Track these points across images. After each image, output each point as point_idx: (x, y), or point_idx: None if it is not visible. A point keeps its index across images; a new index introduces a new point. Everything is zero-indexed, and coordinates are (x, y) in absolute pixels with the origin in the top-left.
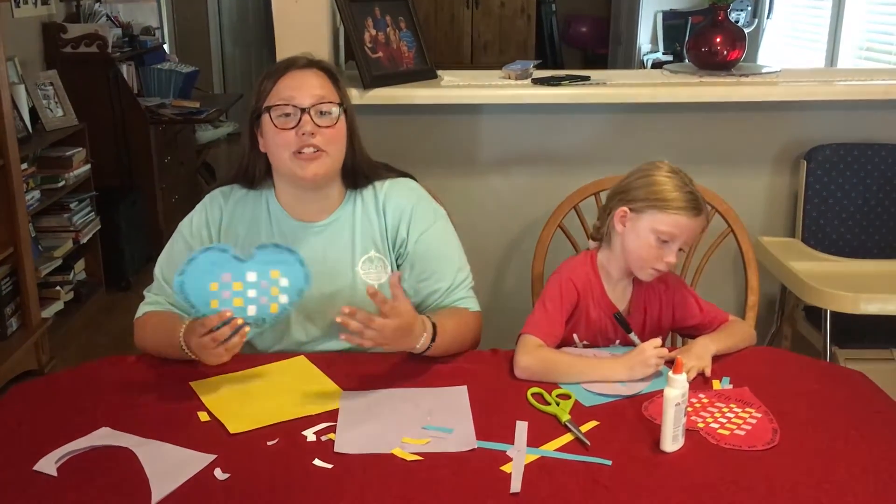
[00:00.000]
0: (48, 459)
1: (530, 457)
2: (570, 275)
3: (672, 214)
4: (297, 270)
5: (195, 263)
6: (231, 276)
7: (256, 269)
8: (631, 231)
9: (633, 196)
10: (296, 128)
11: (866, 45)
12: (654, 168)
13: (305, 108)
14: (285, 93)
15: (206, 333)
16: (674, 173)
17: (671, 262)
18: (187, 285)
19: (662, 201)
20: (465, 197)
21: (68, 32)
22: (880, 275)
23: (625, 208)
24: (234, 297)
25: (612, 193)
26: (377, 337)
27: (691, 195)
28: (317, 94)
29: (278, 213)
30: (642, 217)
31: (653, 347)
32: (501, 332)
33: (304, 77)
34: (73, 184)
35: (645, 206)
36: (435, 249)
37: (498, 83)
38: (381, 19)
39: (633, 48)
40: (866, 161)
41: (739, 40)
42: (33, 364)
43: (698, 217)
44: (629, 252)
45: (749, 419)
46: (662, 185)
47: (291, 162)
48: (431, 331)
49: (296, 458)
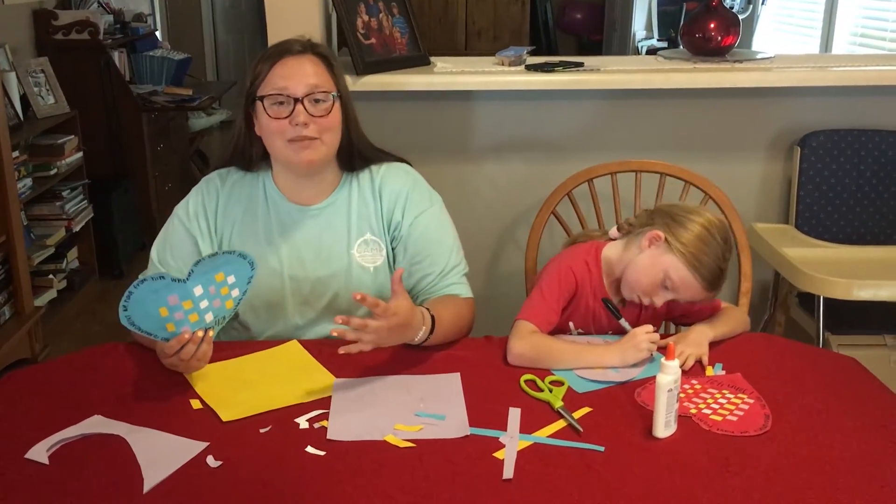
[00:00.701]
0: (40, 447)
1: (523, 443)
2: (570, 263)
3: (691, 274)
4: (239, 262)
5: (135, 297)
6: (178, 297)
7: (200, 282)
8: (649, 256)
9: (677, 232)
10: (289, 117)
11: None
12: (712, 225)
13: (299, 97)
14: (279, 82)
15: (173, 355)
16: (723, 241)
17: (655, 305)
18: (135, 318)
19: (693, 258)
20: (458, 184)
21: (59, 19)
22: (873, 261)
23: (662, 235)
24: (189, 314)
25: (664, 211)
26: (376, 339)
27: (719, 273)
28: (311, 82)
29: (275, 195)
30: (667, 254)
31: (644, 333)
32: (494, 319)
33: (299, 64)
34: (65, 172)
35: (678, 247)
36: (429, 233)
37: (491, 70)
38: (374, 5)
39: (627, 34)
40: (860, 147)
41: (734, 26)
42: (27, 352)
43: (709, 292)
44: (632, 270)
45: (741, 405)
46: (705, 246)
47: (285, 148)
48: (430, 323)
49: (288, 445)
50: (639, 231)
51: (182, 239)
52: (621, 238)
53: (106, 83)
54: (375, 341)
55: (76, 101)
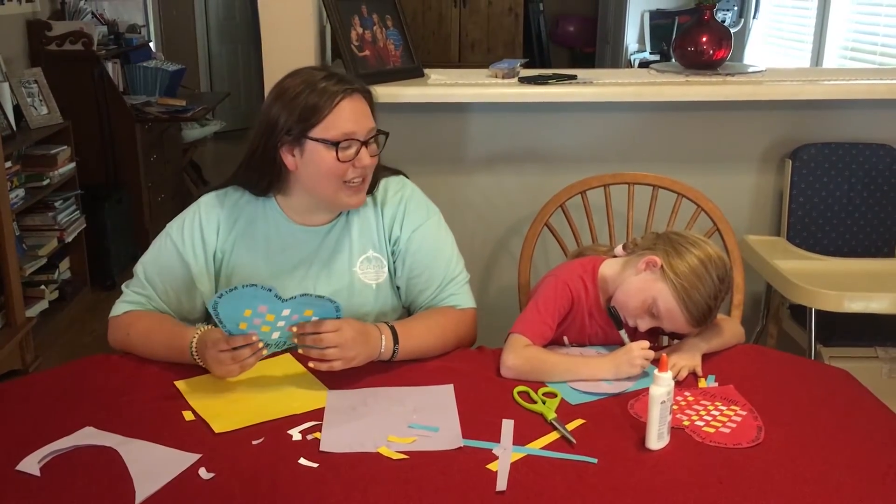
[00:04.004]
0: (31, 459)
1: (516, 455)
2: (566, 278)
3: (677, 307)
4: (328, 308)
5: (236, 292)
6: (267, 309)
7: (292, 307)
8: (642, 280)
9: (674, 261)
10: (352, 160)
11: (851, 46)
12: (710, 260)
13: (364, 140)
14: (346, 126)
15: (226, 350)
16: (719, 280)
17: (640, 329)
18: (221, 306)
19: (684, 291)
20: (451, 195)
21: (53, 30)
22: (864, 273)
23: (660, 262)
24: (263, 326)
25: (668, 237)
26: (337, 339)
27: (707, 310)
28: (370, 126)
29: (277, 216)
30: (659, 282)
31: (640, 348)
32: (488, 331)
33: (360, 103)
34: (57, 182)
35: (671, 277)
36: (426, 247)
37: (485, 82)
38: (368, 17)
39: (620, 47)
40: (851, 160)
41: (725, 40)
42: (18, 363)
43: (693, 328)
44: (623, 291)
45: (734, 417)
46: (699, 281)
47: (340, 190)
48: (390, 333)
49: (281, 457)
50: (640, 252)
51: (173, 262)
52: (624, 256)
53: (99, 94)
54: (338, 342)
55: (69, 112)
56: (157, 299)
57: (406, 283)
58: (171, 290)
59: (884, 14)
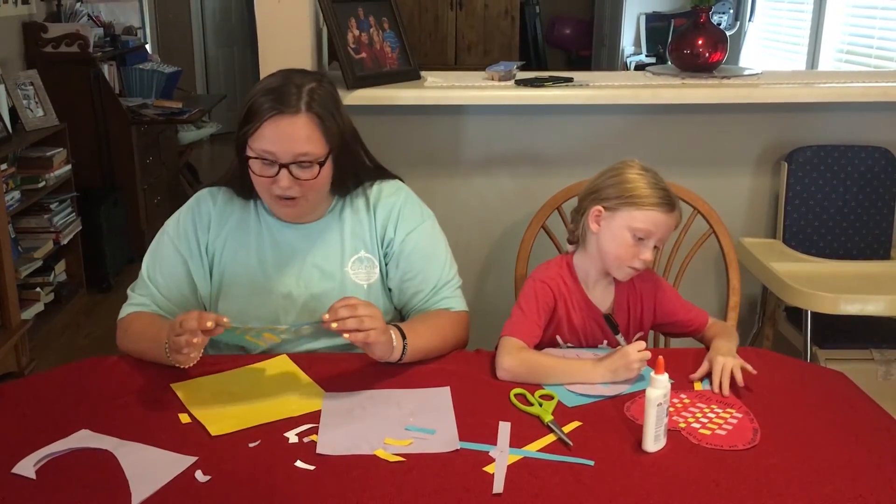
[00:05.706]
0: (27, 462)
1: (513, 457)
2: (542, 277)
3: (647, 211)
4: None
5: None
6: None
7: None
8: (606, 230)
9: (606, 195)
10: (274, 177)
11: (846, 48)
12: (626, 166)
13: (285, 163)
14: (267, 145)
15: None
16: (645, 171)
17: (647, 260)
18: None
19: (637, 198)
20: (448, 198)
21: (49, 32)
22: (860, 275)
23: (599, 207)
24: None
25: (584, 194)
26: (370, 310)
27: (664, 192)
28: (298, 151)
29: (266, 215)
30: (617, 215)
31: (636, 351)
32: (484, 333)
33: (292, 127)
34: (53, 184)
35: (619, 203)
36: (421, 250)
37: (481, 84)
38: (365, 20)
39: (616, 50)
40: (846, 163)
41: (721, 43)
42: (13, 366)
43: (672, 213)
44: (605, 252)
45: (730, 419)
46: (635, 183)
47: (270, 202)
48: (398, 332)
49: (278, 459)
50: (581, 222)
51: (171, 257)
52: (577, 243)
53: (95, 96)
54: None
55: (65, 114)
56: (161, 297)
57: (399, 286)
58: (174, 286)
59: (879, 17)
